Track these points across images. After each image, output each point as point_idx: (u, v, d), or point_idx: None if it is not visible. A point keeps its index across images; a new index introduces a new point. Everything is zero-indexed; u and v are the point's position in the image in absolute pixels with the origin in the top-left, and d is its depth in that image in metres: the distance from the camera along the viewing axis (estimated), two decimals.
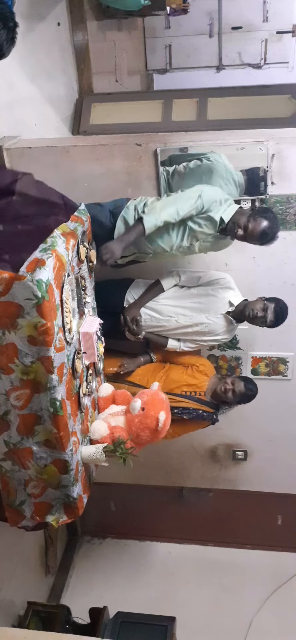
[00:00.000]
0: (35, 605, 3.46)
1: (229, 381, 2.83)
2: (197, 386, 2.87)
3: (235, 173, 2.83)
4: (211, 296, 2.78)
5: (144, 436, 2.36)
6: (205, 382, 2.89)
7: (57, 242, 1.98)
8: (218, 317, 2.79)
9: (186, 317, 2.79)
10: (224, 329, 2.83)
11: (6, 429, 2.09)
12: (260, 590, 3.98)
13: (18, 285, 1.78)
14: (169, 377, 2.89)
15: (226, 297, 2.78)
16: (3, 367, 1.95)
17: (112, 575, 4.14)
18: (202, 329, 2.81)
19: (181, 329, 2.83)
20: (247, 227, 2.48)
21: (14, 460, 2.17)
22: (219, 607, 3.89)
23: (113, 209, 2.65)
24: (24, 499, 2.27)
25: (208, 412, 2.88)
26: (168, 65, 6.19)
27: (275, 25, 5.88)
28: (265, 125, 3.46)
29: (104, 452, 2.24)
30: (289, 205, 2.97)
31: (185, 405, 2.84)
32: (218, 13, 5.84)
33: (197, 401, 2.86)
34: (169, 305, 2.81)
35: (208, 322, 2.79)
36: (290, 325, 3.30)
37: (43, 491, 2.23)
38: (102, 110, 4.22)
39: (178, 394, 2.85)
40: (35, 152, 2.96)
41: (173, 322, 2.80)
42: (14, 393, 1.99)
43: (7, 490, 2.25)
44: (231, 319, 2.80)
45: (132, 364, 2.93)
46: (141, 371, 2.95)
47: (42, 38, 3.59)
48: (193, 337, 2.87)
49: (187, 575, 4.14)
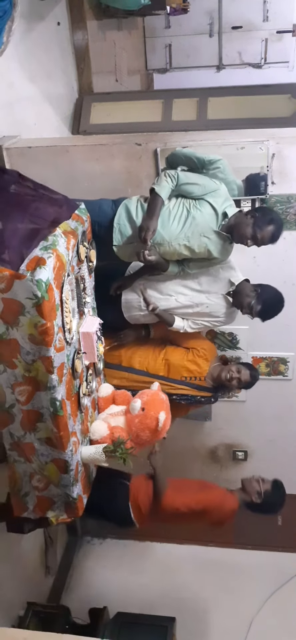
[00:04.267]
0: (35, 606, 3.45)
1: (234, 369, 2.79)
2: (197, 371, 2.83)
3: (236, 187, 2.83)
4: (212, 276, 2.75)
5: (144, 436, 2.36)
6: (206, 367, 2.85)
7: (58, 241, 1.97)
8: (219, 297, 2.75)
9: (186, 297, 2.74)
10: (225, 309, 2.79)
11: (11, 421, 2.11)
12: (260, 591, 3.97)
13: (18, 283, 1.79)
14: (169, 362, 2.85)
15: (226, 277, 2.75)
16: (7, 361, 1.96)
17: (112, 575, 4.14)
18: (202, 310, 2.77)
19: (181, 309, 2.78)
20: (256, 237, 2.48)
21: (19, 453, 2.20)
22: (219, 607, 3.89)
23: (116, 199, 2.66)
24: (28, 491, 2.29)
25: (206, 397, 2.87)
26: (168, 65, 6.18)
27: (275, 25, 5.87)
28: (265, 125, 3.46)
29: (104, 452, 2.24)
30: (289, 205, 2.96)
31: (184, 392, 2.83)
32: (218, 12, 5.83)
33: (196, 387, 2.84)
34: (169, 283, 2.75)
35: (209, 303, 2.75)
36: (290, 325, 3.31)
37: (46, 486, 2.25)
38: (102, 109, 4.21)
39: (178, 381, 2.82)
40: (35, 152, 2.96)
41: (173, 301, 2.75)
42: (17, 388, 2.02)
43: (14, 478, 2.28)
44: (230, 300, 2.76)
45: (129, 334, 2.89)
46: (139, 357, 2.89)
47: (42, 38, 3.58)
48: (194, 318, 2.82)
49: (187, 575, 4.13)
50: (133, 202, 2.62)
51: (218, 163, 2.58)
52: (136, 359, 2.88)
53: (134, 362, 2.88)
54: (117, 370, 2.86)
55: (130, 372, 2.85)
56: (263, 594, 3.96)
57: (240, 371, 2.79)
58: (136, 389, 2.63)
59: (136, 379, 2.83)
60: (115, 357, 2.89)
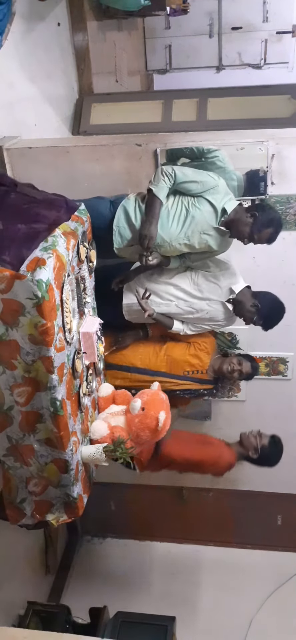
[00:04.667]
0: (35, 605, 3.46)
1: (235, 361, 2.83)
2: (199, 365, 2.86)
3: (235, 177, 2.83)
4: (212, 283, 2.75)
5: (144, 436, 2.36)
6: (207, 360, 2.87)
7: (58, 241, 1.98)
8: (219, 304, 2.76)
9: (186, 303, 2.75)
10: (225, 316, 2.80)
11: (9, 424, 2.10)
12: (260, 590, 3.98)
13: (19, 284, 1.79)
14: (171, 358, 2.87)
15: (227, 284, 2.75)
16: (7, 363, 1.96)
17: (112, 575, 4.15)
18: (202, 316, 2.78)
19: (182, 315, 2.79)
20: (253, 238, 2.48)
21: (16, 457, 2.18)
22: (219, 607, 3.89)
23: (114, 199, 2.66)
24: (25, 497, 2.27)
25: (208, 390, 2.91)
26: (168, 66, 6.18)
27: (275, 26, 5.87)
28: (264, 126, 3.46)
29: (104, 452, 2.25)
30: (289, 205, 2.97)
31: (187, 387, 2.86)
32: (218, 13, 5.83)
33: (199, 381, 2.87)
34: (170, 286, 2.76)
35: (209, 310, 2.76)
36: (290, 325, 3.31)
37: (44, 489, 2.24)
38: (102, 110, 4.22)
39: (181, 377, 2.85)
40: (35, 152, 2.97)
41: (173, 306, 2.76)
42: (16, 389, 2.01)
43: (8, 487, 2.26)
44: (230, 308, 2.77)
45: (127, 338, 2.90)
46: (141, 355, 2.89)
47: (42, 38, 3.58)
48: (194, 322, 2.84)
49: (187, 575, 4.14)
50: (131, 203, 2.61)
51: (217, 152, 2.60)
52: (137, 357, 2.88)
53: (136, 360, 2.88)
54: (119, 370, 2.87)
55: (133, 371, 2.87)
56: (263, 593, 3.96)
57: (241, 363, 2.83)
58: (139, 387, 2.65)
59: (138, 378, 2.84)
60: (116, 357, 2.90)
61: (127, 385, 2.80)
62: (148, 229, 2.47)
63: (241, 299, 2.70)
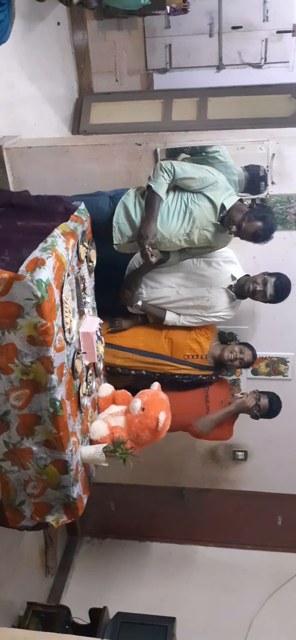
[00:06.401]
0: (35, 606, 3.46)
1: (237, 349, 2.84)
2: (199, 350, 2.87)
3: (236, 172, 2.83)
4: (213, 269, 2.76)
5: (144, 436, 2.35)
6: (207, 346, 2.89)
7: (57, 241, 1.97)
8: (220, 291, 2.77)
9: (187, 289, 2.76)
10: (226, 304, 2.81)
11: (6, 429, 2.09)
12: (260, 590, 3.98)
13: (18, 285, 1.78)
14: (172, 340, 2.88)
15: (228, 271, 2.76)
16: (3, 367, 1.94)
17: (112, 575, 4.14)
18: (203, 303, 2.79)
19: (182, 301, 2.80)
20: (241, 226, 2.46)
21: (13, 461, 2.16)
22: (219, 607, 3.89)
23: (114, 195, 2.65)
24: (24, 499, 2.26)
25: (208, 375, 2.92)
26: (168, 65, 6.17)
27: (275, 25, 5.86)
28: (265, 125, 3.46)
29: (104, 452, 2.24)
30: (289, 205, 2.96)
31: (187, 372, 2.87)
32: (218, 13, 5.82)
33: (198, 367, 2.88)
34: (170, 275, 2.77)
35: (210, 296, 2.77)
36: (290, 325, 3.31)
37: (43, 491, 2.23)
38: (102, 109, 4.22)
39: (181, 361, 2.87)
40: (35, 152, 2.96)
41: (174, 293, 2.77)
42: (13, 393, 1.99)
43: (6, 490, 2.25)
44: (232, 295, 2.78)
45: (124, 322, 2.91)
46: (142, 337, 2.91)
47: (42, 38, 3.58)
48: (194, 312, 2.84)
49: (187, 575, 4.14)
50: (130, 199, 2.60)
51: (218, 148, 2.60)
52: (139, 338, 2.90)
53: (137, 342, 2.89)
54: (121, 350, 2.87)
55: (134, 352, 2.87)
56: (263, 594, 3.96)
57: (243, 351, 2.85)
58: (139, 369, 2.69)
59: (139, 359, 2.86)
60: (116, 339, 2.90)
61: (127, 365, 2.83)
62: (147, 227, 2.47)
63: (245, 280, 2.73)
